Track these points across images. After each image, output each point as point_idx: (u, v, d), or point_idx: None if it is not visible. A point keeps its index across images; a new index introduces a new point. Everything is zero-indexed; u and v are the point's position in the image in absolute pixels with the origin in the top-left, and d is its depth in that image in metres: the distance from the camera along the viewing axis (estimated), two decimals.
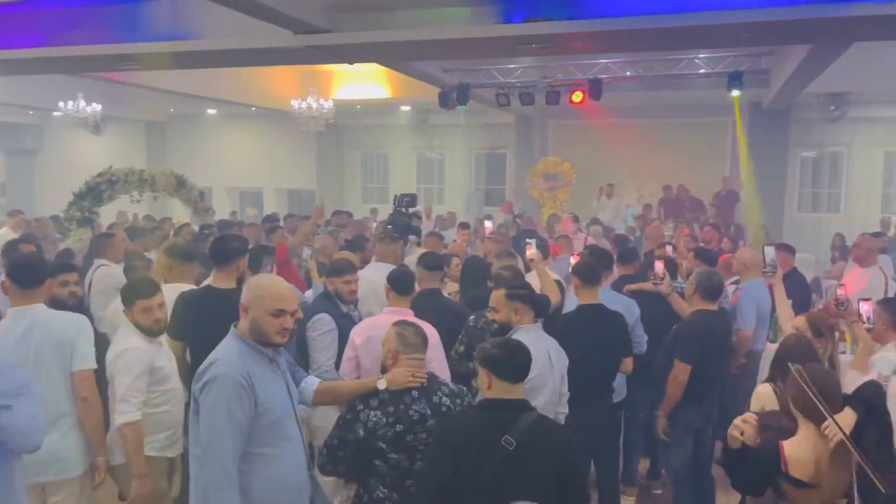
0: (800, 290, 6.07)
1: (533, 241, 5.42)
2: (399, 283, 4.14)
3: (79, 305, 4.64)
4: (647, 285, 5.35)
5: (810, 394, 2.54)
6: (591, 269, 4.57)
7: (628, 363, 4.55)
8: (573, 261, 5.81)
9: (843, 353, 4.83)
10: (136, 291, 3.64)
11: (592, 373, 4.30)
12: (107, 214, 10.72)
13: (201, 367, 2.70)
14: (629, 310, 4.84)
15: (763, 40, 8.88)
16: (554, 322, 4.58)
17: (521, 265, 5.51)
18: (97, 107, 14.11)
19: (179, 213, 12.81)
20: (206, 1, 6.44)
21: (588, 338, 4.30)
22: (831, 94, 12.82)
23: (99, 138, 16.14)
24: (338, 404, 3.30)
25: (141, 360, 3.49)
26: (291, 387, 2.89)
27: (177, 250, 4.90)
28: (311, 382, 3.10)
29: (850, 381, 3.59)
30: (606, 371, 4.45)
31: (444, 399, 3.13)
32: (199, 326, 4.05)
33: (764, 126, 14.20)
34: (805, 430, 2.67)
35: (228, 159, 18.55)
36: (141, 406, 3.46)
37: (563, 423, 3.79)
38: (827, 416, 2.52)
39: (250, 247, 4.72)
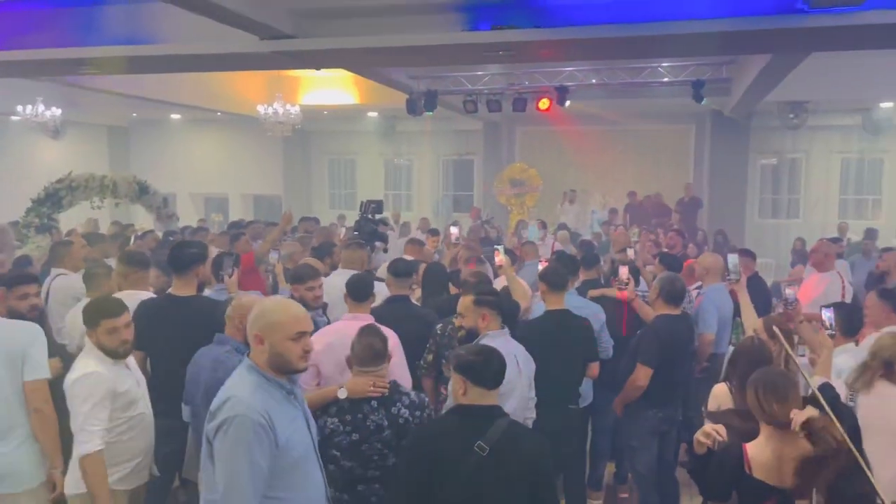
0: (760, 295, 6.19)
1: (501, 247, 5.46)
2: (356, 290, 4.13)
3: (40, 318, 4.51)
4: (610, 291, 5.43)
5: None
6: (558, 275, 4.61)
7: (595, 368, 4.60)
8: (541, 266, 5.88)
9: (802, 356, 4.93)
10: (101, 310, 3.38)
11: (559, 378, 4.34)
12: (72, 220, 10.47)
13: (214, 405, 2.46)
14: (595, 315, 4.89)
15: (724, 50, 9.07)
16: (522, 327, 4.61)
17: (490, 271, 5.54)
18: (57, 111, 13.80)
19: (143, 219, 12.59)
20: (170, 5, 6.38)
21: (555, 343, 4.33)
22: (790, 102, 13.12)
23: (59, 143, 15.80)
24: None
25: (100, 386, 3.22)
26: (311, 421, 2.69)
27: (131, 257, 4.82)
28: None
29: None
30: (573, 376, 4.49)
31: (403, 411, 3.14)
32: (159, 336, 4.00)
33: (725, 133, 14.50)
34: (766, 433, 2.72)
35: (193, 165, 18.30)
36: (103, 435, 3.21)
37: (531, 427, 3.81)
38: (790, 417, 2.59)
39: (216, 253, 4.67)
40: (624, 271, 5.34)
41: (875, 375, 3.34)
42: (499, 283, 5.28)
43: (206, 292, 4.82)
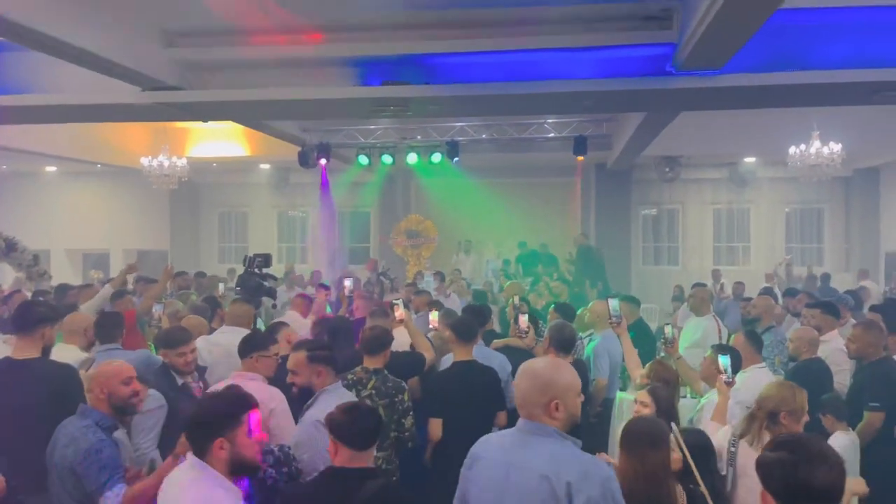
0: (645, 340, 6.46)
1: (400, 301, 5.40)
2: (241, 348, 3.98)
3: None
4: (513, 340, 5.46)
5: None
6: (467, 326, 4.62)
7: (502, 417, 4.58)
8: (433, 317, 5.87)
9: (684, 396, 5.14)
10: None
11: (468, 427, 4.30)
12: None
13: None
14: (502, 366, 4.91)
15: (601, 108, 9.62)
16: (431, 379, 4.58)
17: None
18: None
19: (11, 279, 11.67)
20: (47, 55, 6.10)
21: (464, 393, 4.32)
22: (665, 157, 14.04)
23: None
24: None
25: None
26: None
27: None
28: (115, 498, 2.89)
29: (710, 433, 3.77)
30: (481, 425, 4.45)
31: (270, 471, 3.05)
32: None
33: (609, 186, 15.29)
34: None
35: (71, 219, 17.24)
36: None
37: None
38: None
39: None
40: (523, 320, 5.41)
41: (762, 427, 3.36)
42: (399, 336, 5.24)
43: (93, 353, 4.51)
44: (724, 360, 4.07)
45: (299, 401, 3.72)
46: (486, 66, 7.22)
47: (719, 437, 3.54)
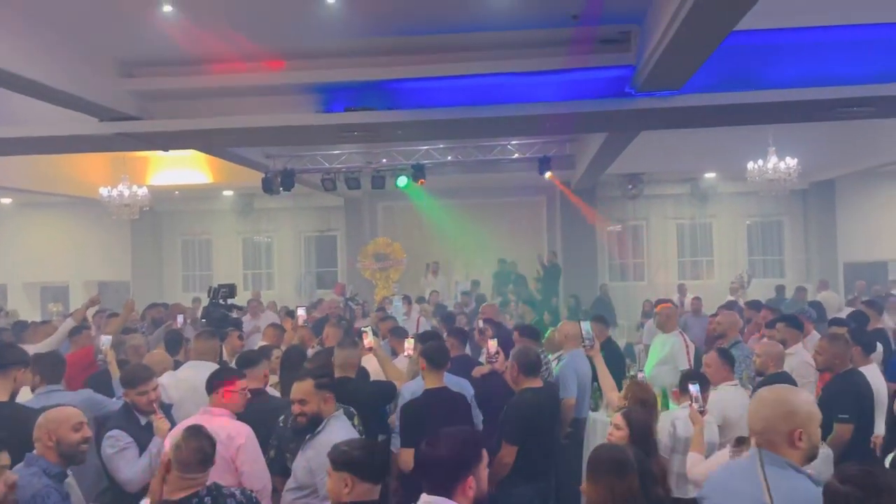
0: (615, 359, 6.47)
1: (369, 328, 5.33)
2: (208, 384, 3.90)
3: None
4: (483, 368, 5.40)
5: None
6: (440, 353, 4.57)
7: None
8: (408, 344, 5.77)
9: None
10: None
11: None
12: None
13: None
14: (465, 390, 4.86)
15: (563, 129, 9.76)
16: (403, 406, 4.51)
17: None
18: None
19: None
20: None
21: (435, 421, 4.24)
22: (628, 174, 14.26)
23: None
24: None
25: None
26: None
27: None
28: None
29: (692, 463, 3.77)
30: None
31: None
32: None
33: (574, 204, 15.43)
34: None
35: (28, 252, 16.78)
36: None
37: None
38: None
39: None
40: (492, 344, 5.38)
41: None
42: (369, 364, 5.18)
43: (36, 393, 4.35)
44: (694, 389, 4.05)
45: (304, 430, 3.74)
46: (449, 90, 7.27)
47: (706, 465, 3.53)
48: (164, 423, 3.89)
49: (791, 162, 11.01)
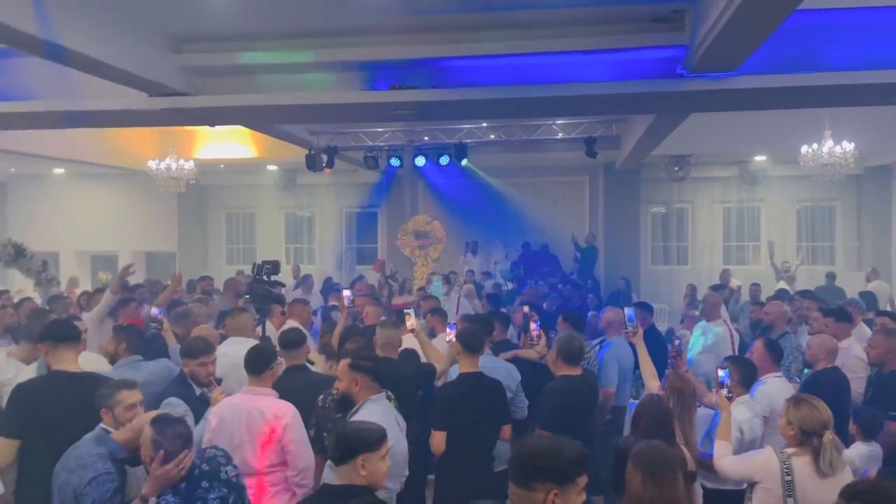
0: (657, 346, 6.37)
1: (411, 310, 5.33)
2: (252, 363, 3.93)
3: None
4: (524, 352, 5.37)
5: None
6: (475, 337, 4.54)
7: (506, 430, 4.51)
8: (449, 331, 5.75)
9: (699, 405, 5.06)
10: None
11: (473, 441, 4.28)
12: None
13: None
14: (511, 375, 4.84)
15: (612, 111, 9.56)
16: (436, 391, 4.53)
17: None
18: None
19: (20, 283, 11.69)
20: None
21: (468, 407, 4.27)
22: (674, 156, 13.93)
23: None
24: None
25: None
26: None
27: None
28: None
29: (719, 453, 3.70)
30: (486, 439, 4.42)
31: (229, 469, 3.07)
32: (40, 422, 3.60)
33: (618, 185, 15.20)
34: None
35: (79, 221, 17.26)
36: None
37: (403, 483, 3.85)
38: None
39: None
40: (534, 327, 5.34)
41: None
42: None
43: (117, 365, 4.50)
44: (722, 375, 3.99)
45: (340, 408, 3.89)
46: (494, 69, 7.16)
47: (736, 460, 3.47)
48: (221, 395, 3.96)
49: (848, 146, 10.60)
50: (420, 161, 11.54)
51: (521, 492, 2.23)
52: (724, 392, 3.93)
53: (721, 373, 4.01)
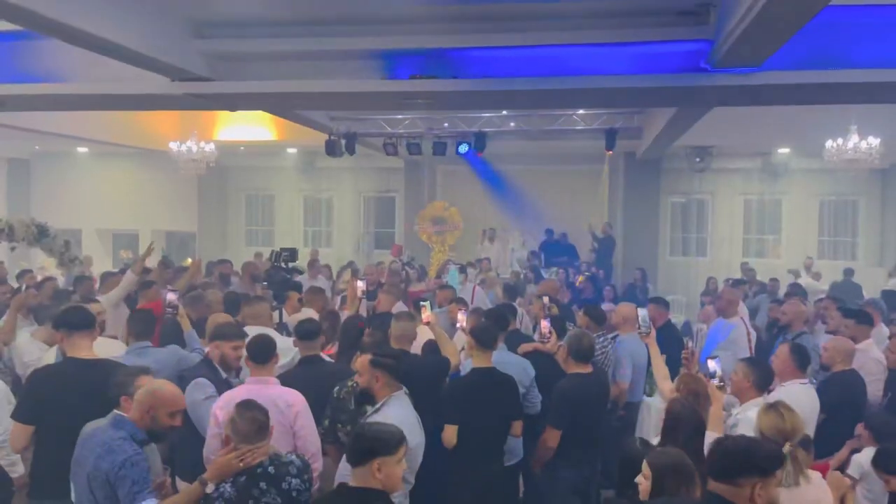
0: (673, 343, 6.34)
1: (427, 303, 5.33)
2: (257, 352, 3.94)
3: None
4: (536, 346, 5.37)
5: None
6: (488, 332, 4.55)
7: (517, 426, 4.52)
8: (462, 317, 5.76)
9: None
10: None
11: (484, 436, 4.31)
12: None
13: None
14: (524, 371, 4.82)
15: (633, 104, 9.46)
16: (448, 386, 4.55)
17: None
18: None
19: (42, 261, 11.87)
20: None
21: (479, 402, 4.29)
22: (696, 147, 13.78)
23: None
24: None
25: None
26: None
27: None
28: None
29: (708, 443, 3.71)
30: (498, 435, 4.44)
31: (294, 481, 3.06)
32: (57, 407, 3.65)
33: (638, 175, 15.07)
34: None
35: (101, 199, 17.48)
36: None
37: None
38: None
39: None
40: (545, 325, 5.33)
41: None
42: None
43: (127, 349, 4.55)
44: (713, 365, 4.03)
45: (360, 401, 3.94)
46: (515, 60, 7.09)
47: None
48: None
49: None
50: (463, 148, 11.54)
51: (726, 487, 2.44)
52: (716, 382, 3.91)
53: (712, 363, 4.02)
